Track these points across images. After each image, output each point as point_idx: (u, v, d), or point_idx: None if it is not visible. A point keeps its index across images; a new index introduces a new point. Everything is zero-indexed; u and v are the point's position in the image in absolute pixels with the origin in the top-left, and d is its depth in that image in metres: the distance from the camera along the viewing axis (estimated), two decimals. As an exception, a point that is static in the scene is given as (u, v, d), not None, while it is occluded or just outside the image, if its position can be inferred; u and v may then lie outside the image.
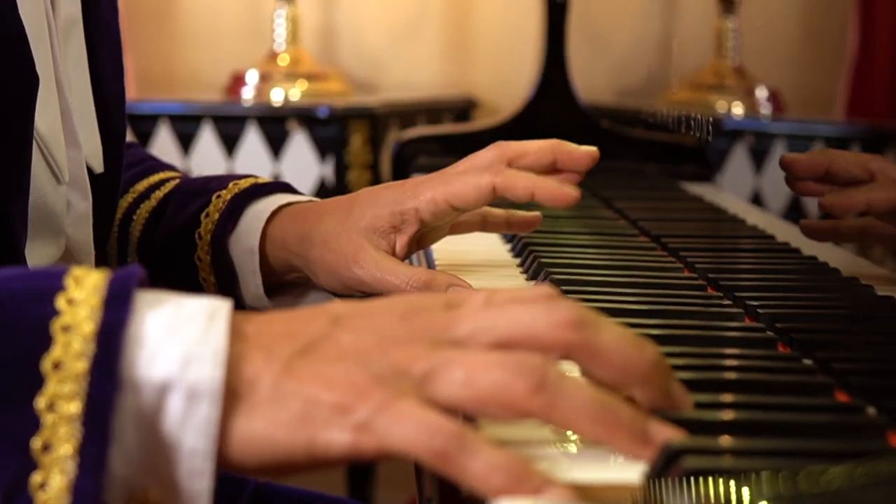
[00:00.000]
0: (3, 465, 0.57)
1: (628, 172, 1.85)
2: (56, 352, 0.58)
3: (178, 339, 0.59)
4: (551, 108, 2.11)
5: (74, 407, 0.57)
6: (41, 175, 0.91)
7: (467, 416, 0.62)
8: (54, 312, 0.59)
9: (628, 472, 0.60)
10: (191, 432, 0.58)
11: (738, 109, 1.55)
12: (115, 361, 0.58)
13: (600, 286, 0.98)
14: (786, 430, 0.65)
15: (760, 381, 0.75)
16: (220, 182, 1.14)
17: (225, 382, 0.59)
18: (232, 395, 0.59)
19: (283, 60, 2.50)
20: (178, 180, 1.21)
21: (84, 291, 0.60)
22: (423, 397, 0.59)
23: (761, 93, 1.51)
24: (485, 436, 0.58)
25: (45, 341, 0.58)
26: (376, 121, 2.28)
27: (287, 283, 1.11)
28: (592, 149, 1.05)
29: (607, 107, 2.02)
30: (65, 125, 0.96)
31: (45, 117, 0.91)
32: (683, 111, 1.59)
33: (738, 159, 1.53)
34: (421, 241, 1.07)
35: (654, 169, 1.80)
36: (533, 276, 1.06)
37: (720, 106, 1.57)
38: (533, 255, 1.09)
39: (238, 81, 2.47)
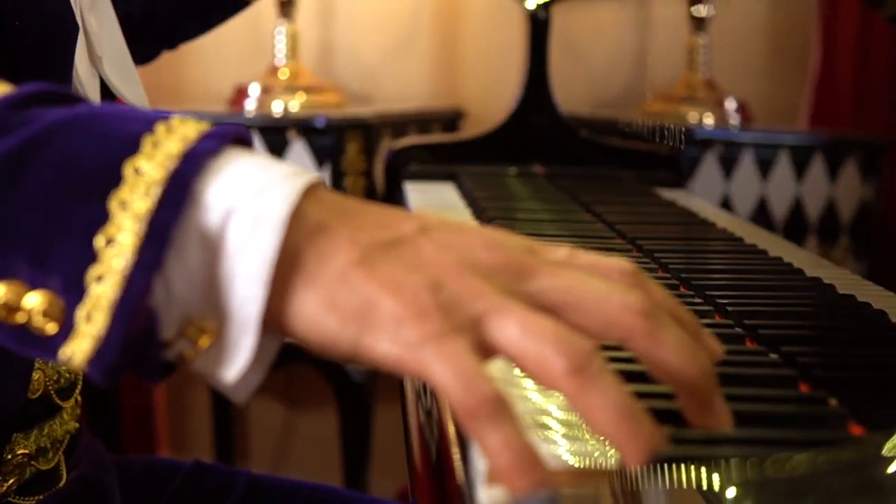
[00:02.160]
0: (66, 255, 0.56)
1: (605, 179, 1.85)
2: (138, 160, 0.57)
3: (259, 174, 0.57)
4: (534, 118, 2.12)
5: (144, 206, 0.56)
6: None
7: None
8: (148, 130, 0.58)
9: (605, 466, 0.59)
10: (250, 258, 0.56)
11: (708, 120, 1.55)
12: (192, 177, 0.56)
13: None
14: (753, 420, 0.65)
15: (730, 374, 0.75)
16: None
17: (296, 246, 0.57)
18: (299, 262, 0.57)
19: (284, 74, 2.50)
20: None
21: (185, 126, 0.59)
22: (475, 335, 0.56)
23: (730, 104, 1.51)
24: (512, 411, 0.54)
25: (132, 150, 0.57)
26: (370, 131, 2.27)
27: None
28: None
29: (586, 117, 2.02)
30: (98, 70, 0.96)
31: (81, 63, 0.91)
32: (657, 122, 1.59)
33: (709, 166, 1.53)
34: None
35: (629, 175, 1.80)
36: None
37: (691, 117, 1.57)
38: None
39: (241, 93, 2.47)
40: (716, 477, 0.50)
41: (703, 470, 0.51)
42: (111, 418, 2.52)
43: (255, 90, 2.44)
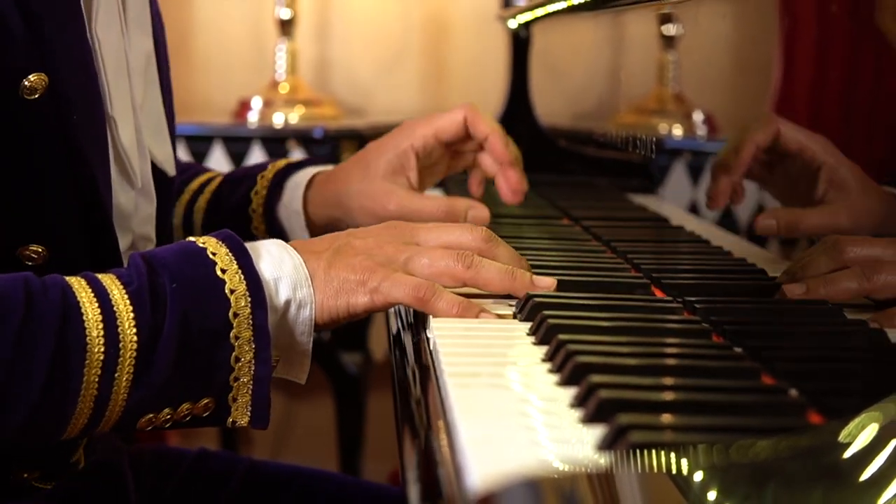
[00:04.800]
0: (216, 378, 0.84)
1: (582, 185, 1.85)
2: (233, 306, 0.83)
3: (284, 275, 0.87)
4: (516, 129, 2.10)
5: (249, 334, 0.84)
6: (116, 184, 0.97)
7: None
8: (223, 283, 0.84)
9: (582, 452, 0.59)
10: (301, 324, 0.88)
11: (677, 131, 1.55)
12: (263, 299, 0.84)
13: (559, 284, 0.98)
14: (719, 409, 0.65)
15: (697, 367, 0.75)
16: (260, 166, 1.26)
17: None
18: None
19: (284, 89, 2.49)
20: (221, 176, 1.31)
21: (224, 262, 0.85)
22: (406, 273, 0.89)
23: (698, 116, 1.51)
24: (444, 290, 0.88)
25: (226, 303, 0.83)
26: (364, 141, 2.25)
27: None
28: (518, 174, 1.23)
29: (564, 128, 2.02)
30: (138, 142, 1.00)
31: (125, 133, 0.97)
32: (630, 132, 1.58)
33: (678, 174, 1.53)
34: (424, 180, 1.21)
35: (604, 182, 1.80)
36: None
37: (662, 128, 1.57)
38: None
39: (244, 107, 2.46)
40: (684, 462, 0.50)
41: (673, 455, 0.51)
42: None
43: (257, 103, 2.44)
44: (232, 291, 0.83)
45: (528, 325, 0.87)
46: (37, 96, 0.87)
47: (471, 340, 0.83)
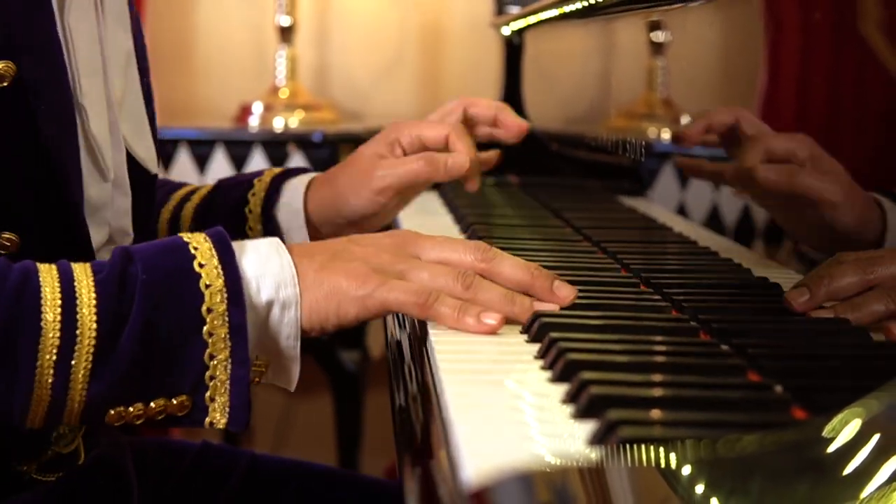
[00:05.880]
0: (189, 375, 0.79)
1: (573, 187, 1.85)
2: (207, 302, 0.79)
3: (268, 274, 0.82)
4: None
5: (224, 331, 0.79)
6: (88, 175, 0.94)
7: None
8: (198, 277, 0.80)
9: (573, 446, 0.59)
10: (286, 326, 0.83)
11: (666, 135, 1.55)
12: (241, 297, 0.80)
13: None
14: (706, 405, 0.65)
15: (685, 364, 0.75)
16: (255, 173, 1.26)
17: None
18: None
19: (284, 94, 2.49)
20: (209, 185, 1.30)
21: (204, 257, 0.81)
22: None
23: (685, 121, 1.51)
24: (443, 296, 0.83)
25: (199, 297, 0.79)
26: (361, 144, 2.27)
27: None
28: (524, 123, 1.25)
29: (556, 132, 2.02)
30: (112, 135, 0.96)
31: (96, 124, 0.94)
32: (620, 136, 1.59)
33: (666, 177, 1.53)
34: (409, 193, 1.23)
35: (595, 184, 1.80)
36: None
37: (651, 132, 1.57)
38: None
39: (245, 111, 2.46)
40: (673, 456, 0.50)
41: (662, 450, 0.51)
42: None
43: (258, 108, 2.44)
44: (207, 286, 0.79)
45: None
46: (5, 84, 0.85)
47: (465, 339, 0.83)
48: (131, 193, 1.02)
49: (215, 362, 0.79)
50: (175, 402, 0.80)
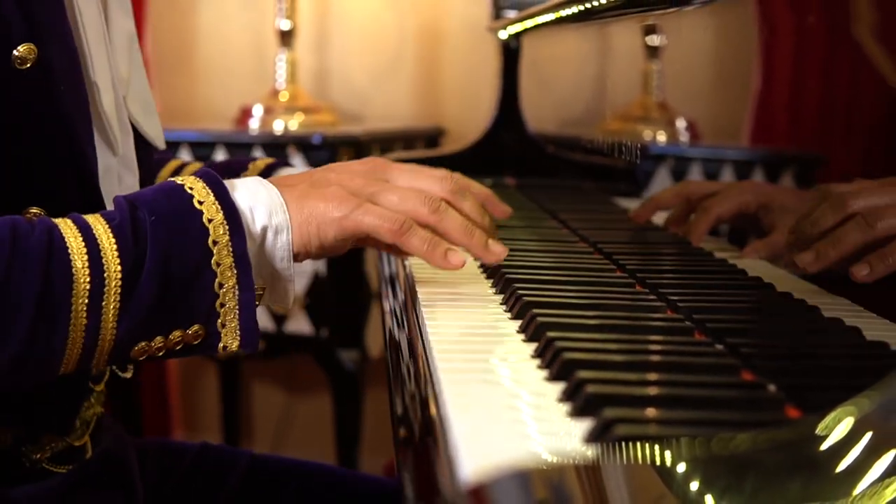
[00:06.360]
0: (202, 304, 0.85)
1: (570, 189, 1.85)
2: (212, 234, 0.84)
3: (259, 203, 0.88)
4: (506, 136, 2.12)
5: (230, 260, 0.85)
6: (99, 150, 0.97)
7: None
8: (199, 213, 0.85)
9: (570, 444, 0.59)
10: (279, 249, 0.89)
11: (661, 137, 1.55)
12: (241, 227, 0.85)
13: (547, 283, 0.98)
14: (701, 404, 0.65)
15: (680, 363, 0.75)
16: (239, 164, 1.28)
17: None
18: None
19: (284, 96, 2.49)
20: (192, 164, 1.31)
21: (201, 195, 0.86)
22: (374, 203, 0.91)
23: (680, 123, 1.51)
24: (416, 226, 0.91)
25: (205, 231, 0.84)
26: (361, 147, 2.27)
27: None
28: (507, 209, 1.24)
29: (552, 135, 2.02)
30: (118, 110, 1.01)
31: (106, 100, 0.98)
32: (615, 139, 1.59)
33: (661, 179, 1.53)
34: None
35: (591, 186, 1.80)
36: (491, 275, 1.06)
37: (646, 134, 1.57)
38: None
39: (246, 114, 2.46)
40: (668, 454, 0.50)
41: (657, 448, 0.51)
42: (132, 402, 2.51)
43: (258, 111, 2.44)
44: (210, 220, 0.85)
45: (517, 323, 0.87)
46: (28, 66, 0.88)
47: (464, 338, 0.83)
48: (138, 172, 1.05)
49: (224, 290, 0.85)
50: (190, 332, 0.85)
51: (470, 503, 0.50)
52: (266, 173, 1.24)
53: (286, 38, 2.52)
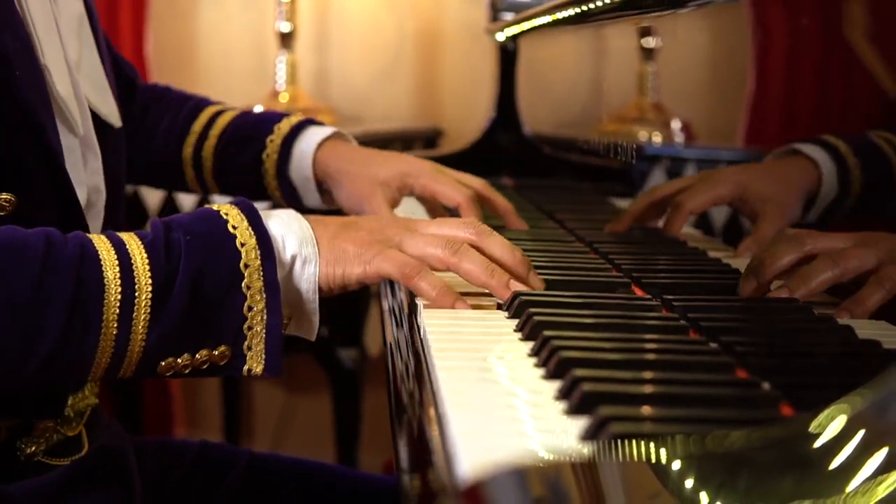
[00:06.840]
0: (230, 326, 0.86)
1: (566, 190, 1.85)
2: (244, 258, 0.86)
3: (291, 233, 0.90)
4: (504, 136, 2.12)
5: (259, 284, 0.86)
6: (61, 132, 0.99)
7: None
8: (233, 237, 0.87)
9: (566, 442, 0.59)
10: (306, 281, 0.91)
11: (656, 138, 1.55)
12: (272, 253, 0.87)
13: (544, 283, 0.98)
14: (695, 402, 0.65)
15: (675, 361, 0.75)
16: (267, 126, 1.35)
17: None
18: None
19: (284, 98, 2.49)
20: (223, 114, 1.39)
21: (235, 220, 0.88)
22: (399, 251, 0.92)
23: (675, 124, 1.51)
24: (429, 272, 0.91)
25: (237, 254, 0.86)
26: (360, 148, 2.27)
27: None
28: (522, 224, 1.33)
29: (549, 136, 2.02)
30: (75, 92, 1.02)
31: (61, 84, 0.99)
32: (611, 140, 1.59)
33: (657, 179, 1.53)
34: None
35: (587, 187, 1.80)
36: (488, 275, 1.06)
37: (641, 135, 1.57)
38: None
39: (246, 115, 2.46)
40: (663, 452, 0.50)
41: (652, 445, 0.51)
42: (134, 400, 2.51)
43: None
44: (242, 244, 0.87)
45: (515, 321, 0.87)
46: None
47: (461, 337, 0.83)
48: (100, 152, 1.05)
49: (253, 313, 0.86)
50: (217, 352, 0.87)
51: (468, 500, 0.50)
52: (290, 141, 1.31)
53: (286, 39, 2.52)
